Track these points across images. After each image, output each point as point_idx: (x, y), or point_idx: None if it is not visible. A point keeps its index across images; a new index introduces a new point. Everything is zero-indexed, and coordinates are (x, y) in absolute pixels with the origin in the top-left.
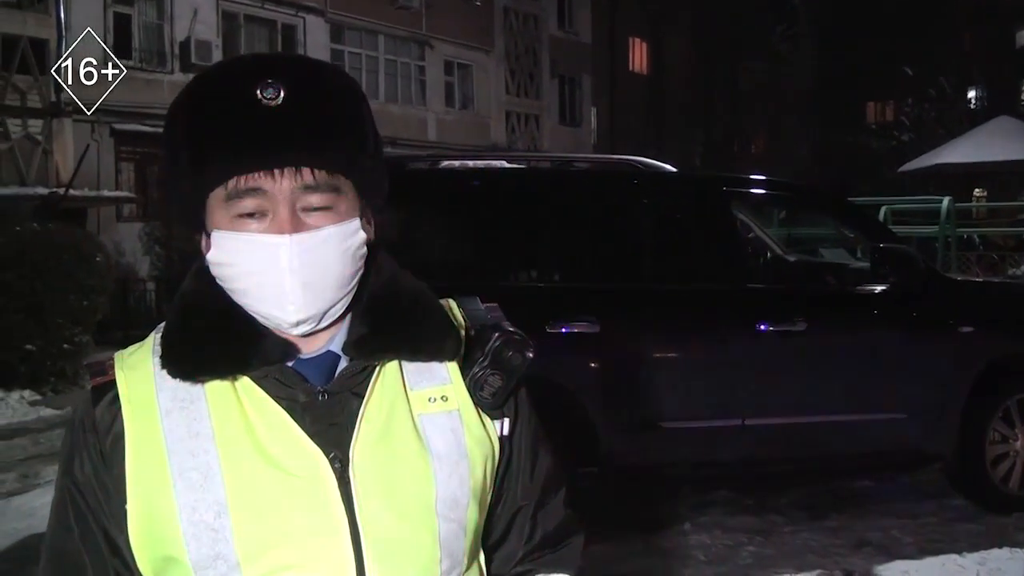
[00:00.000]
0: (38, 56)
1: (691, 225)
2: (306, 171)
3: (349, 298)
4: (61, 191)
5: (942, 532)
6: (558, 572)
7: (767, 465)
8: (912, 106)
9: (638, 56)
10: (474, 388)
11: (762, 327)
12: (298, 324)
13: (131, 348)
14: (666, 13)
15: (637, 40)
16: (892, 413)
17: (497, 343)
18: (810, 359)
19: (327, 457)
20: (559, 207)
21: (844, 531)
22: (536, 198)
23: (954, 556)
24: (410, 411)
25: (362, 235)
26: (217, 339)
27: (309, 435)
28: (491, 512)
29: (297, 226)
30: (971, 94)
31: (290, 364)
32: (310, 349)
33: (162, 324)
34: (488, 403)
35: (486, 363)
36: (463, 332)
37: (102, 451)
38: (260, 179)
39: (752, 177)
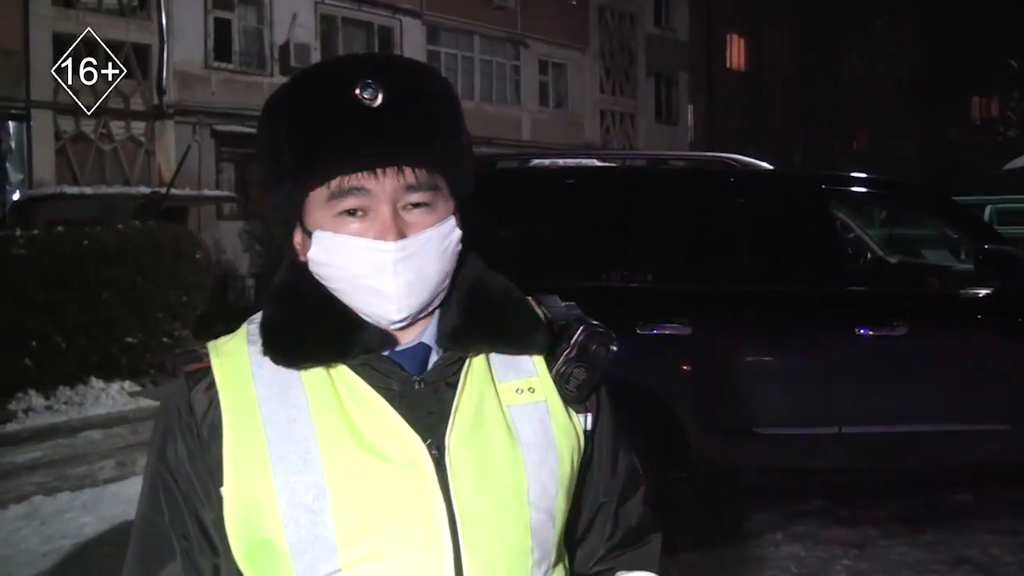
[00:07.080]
0: (140, 60)
1: (788, 225)
2: (408, 171)
3: (444, 292)
4: (163, 190)
5: None
6: (639, 571)
7: (864, 475)
8: (1018, 100)
9: (736, 53)
10: (560, 381)
11: (861, 331)
12: (399, 321)
13: (223, 338)
14: (764, 9)
15: (735, 36)
16: (995, 424)
17: (582, 336)
18: (910, 365)
19: (424, 444)
20: (653, 206)
21: (942, 547)
22: (629, 197)
23: None
24: (499, 402)
25: (458, 232)
26: (319, 328)
27: (406, 422)
28: (572, 508)
29: (400, 227)
30: None
31: (386, 354)
32: (404, 341)
33: (255, 315)
34: (573, 396)
35: (572, 355)
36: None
37: (199, 434)
38: (363, 179)
39: (852, 175)
